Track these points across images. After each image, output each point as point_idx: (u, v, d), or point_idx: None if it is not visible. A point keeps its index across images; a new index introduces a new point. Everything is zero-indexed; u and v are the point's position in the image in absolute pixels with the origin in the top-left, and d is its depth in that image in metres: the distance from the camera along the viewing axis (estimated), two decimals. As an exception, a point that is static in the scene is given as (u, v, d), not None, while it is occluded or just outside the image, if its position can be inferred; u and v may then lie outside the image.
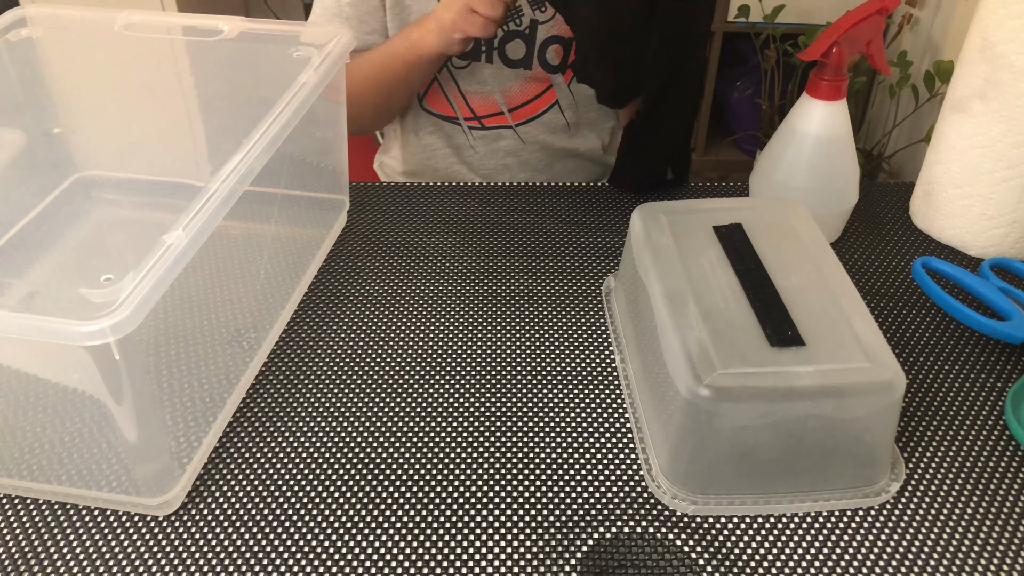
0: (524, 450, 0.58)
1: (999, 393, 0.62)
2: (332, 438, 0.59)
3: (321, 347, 0.66)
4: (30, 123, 0.74)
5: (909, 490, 0.55)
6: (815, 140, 0.71)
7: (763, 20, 1.98)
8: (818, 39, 0.69)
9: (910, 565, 0.51)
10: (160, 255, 0.46)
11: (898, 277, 0.74)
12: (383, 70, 0.90)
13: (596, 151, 1.04)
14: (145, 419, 0.50)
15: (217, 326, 0.62)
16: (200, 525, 0.53)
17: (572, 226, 0.80)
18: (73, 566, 0.51)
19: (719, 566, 0.51)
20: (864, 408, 0.51)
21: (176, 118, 0.75)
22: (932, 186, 0.78)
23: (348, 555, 0.52)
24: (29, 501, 0.54)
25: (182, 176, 0.72)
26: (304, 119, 0.60)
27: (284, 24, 0.69)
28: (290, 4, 2.17)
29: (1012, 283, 0.72)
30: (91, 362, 0.45)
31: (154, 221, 0.76)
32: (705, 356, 0.51)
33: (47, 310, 0.42)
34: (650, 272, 0.59)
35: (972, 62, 0.71)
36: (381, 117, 1.02)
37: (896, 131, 1.93)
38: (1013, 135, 0.70)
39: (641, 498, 0.55)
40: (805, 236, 0.62)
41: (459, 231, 0.79)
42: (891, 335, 0.68)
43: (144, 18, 0.70)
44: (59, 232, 0.72)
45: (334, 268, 0.74)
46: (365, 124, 1.01)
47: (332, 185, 0.78)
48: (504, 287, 0.73)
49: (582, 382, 0.63)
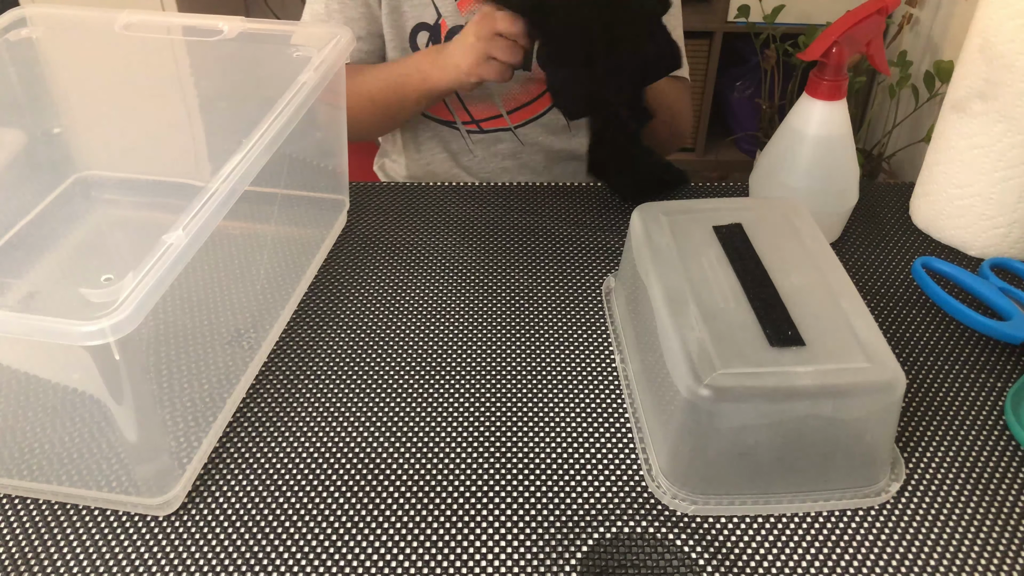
0: (524, 450, 0.58)
1: (999, 393, 0.62)
2: (332, 438, 0.59)
3: (321, 347, 0.66)
4: (30, 123, 0.74)
5: (909, 490, 0.55)
6: (815, 140, 0.71)
7: (763, 20, 1.98)
8: (818, 39, 0.69)
9: (910, 565, 0.51)
10: (160, 255, 0.46)
11: (898, 277, 0.74)
12: (389, 93, 0.90)
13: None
14: (145, 419, 0.50)
15: (217, 326, 0.62)
16: (200, 525, 0.53)
17: (572, 226, 0.80)
18: (73, 566, 0.51)
19: (719, 566, 0.51)
20: (864, 408, 0.51)
21: (176, 118, 0.75)
22: (932, 186, 0.78)
23: (348, 555, 0.52)
24: (29, 501, 0.54)
25: (182, 176, 0.72)
26: (304, 119, 0.60)
27: (284, 24, 0.69)
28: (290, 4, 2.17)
29: (1012, 283, 0.72)
30: (91, 362, 0.45)
31: (154, 221, 0.76)
32: (705, 356, 0.51)
33: (47, 310, 0.42)
34: (650, 272, 0.59)
35: (972, 62, 0.71)
36: (380, 131, 1.03)
37: (896, 131, 1.93)
38: (1013, 135, 0.70)
39: (641, 498, 0.55)
40: (805, 236, 0.62)
41: (459, 231, 0.79)
42: (891, 335, 0.68)
43: (144, 18, 0.70)
44: (59, 232, 0.72)
45: (334, 268, 0.74)
46: (364, 135, 1.02)
47: (332, 185, 0.78)
48: (504, 287, 0.73)
49: (582, 382, 0.63)
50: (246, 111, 0.59)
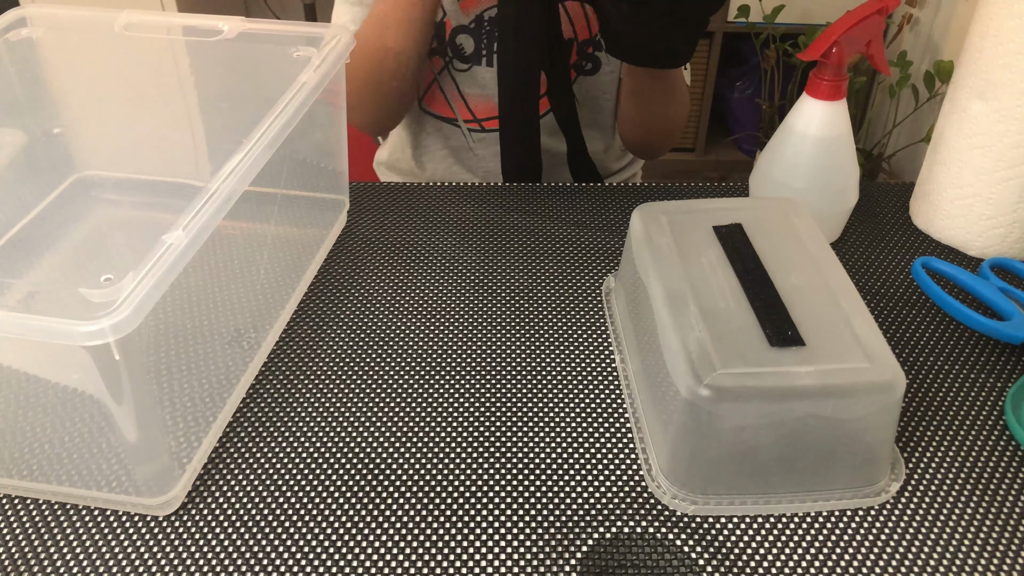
0: (524, 450, 0.58)
1: (999, 393, 0.62)
2: (332, 438, 0.59)
3: (321, 347, 0.66)
4: (30, 123, 0.74)
5: (909, 490, 0.55)
6: (815, 140, 0.71)
7: (763, 20, 1.98)
8: (818, 39, 0.69)
9: (910, 565, 0.51)
10: (160, 255, 0.46)
11: (898, 277, 0.74)
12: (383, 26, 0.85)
13: (598, 153, 1.03)
14: (145, 419, 0.50)
15: (217, 326, 0.62)
16: (200, 525, 0.53)
17: (572, 226, 0.80)
18: (73, 566, 0.51)
19: (719, 566, 0.51)
20: (864, 408, 0.51)
21: (176, 118, 0.75)
22: (932, 186, 0.78)
23: (348, 555, 0.52)
24: (29, 501, 0.54)
25: (182, 176, 0.72)
26: (304, 119, 0.60)
27: (284, 24, 0.69)
28: (290, 4, 2.17)
29: (1012, 283, 0.72)
30: (91, 362, 0.45)
31: (154, 221, 0.76)
32: (705, 356, 0.51)
33: (47, 310, 0.42)
34: (650, 272, 0.59)
35: (972, 62, 0.71)
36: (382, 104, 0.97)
37: (896, 131, 1.93)
38: (1013, 135, 0.70)
39: (641, 498, 0.55)
40: (805, 236, 0.62)
41: (459, 231, 0.79)
42: (891, 335, 0.68)
43: (144, 18, 0.70)
44: (59, 232, 0.72)
45: (334, 268, 0.74)
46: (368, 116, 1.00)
47: (332, 185, 0.78)
48: (504, 287, 0.73)
49: (582, 382, 0.63)
50: (246, 111, 0.58)
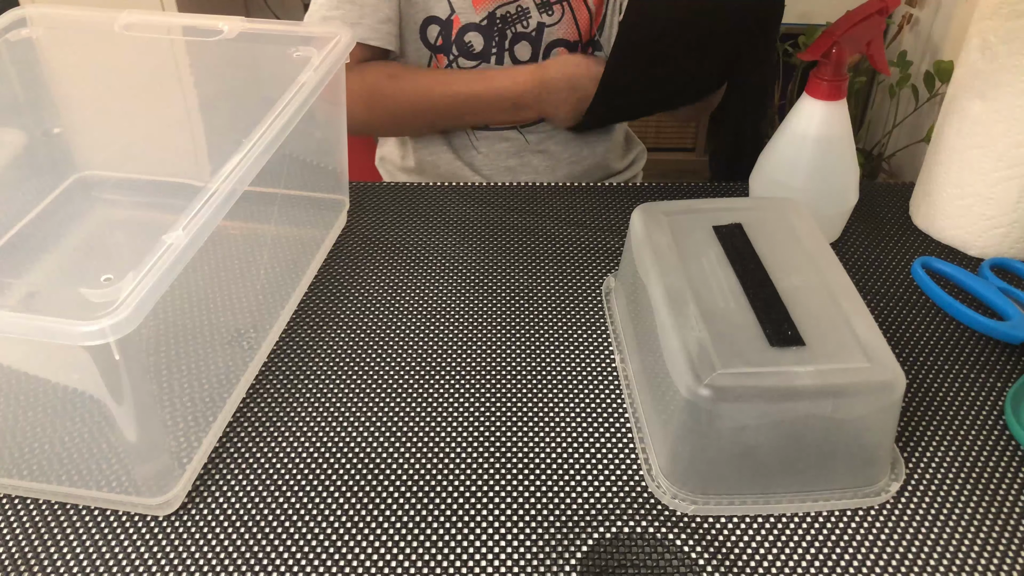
0: (524, 450, 0.58)
1: (999, 393, 0.62)
2: (332, 438, 0.59)
3: (321, 347, 0.66)
4: (30, 123, 0.74)
5: (909, 490, 0.55)
6: (815, 140, 0.71)
7: (763, 20, 1.97)
8: (818, 39, 0.69)
9: (910, 565, 0.51)
10: (160, 255, 0.46)
11: (898, 277, 0.74)
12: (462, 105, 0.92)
13: (599, 154, 1.03)
14: (145, 419, 0.50)
15: (217, 326, 0.62)
16: (200, 525, 0.53)
17: (572, 226, 0.80)
18: (73, 566, 0.51)
19: (719, 566, 0.51)
20: (864, 408, 0.51)
21: (176, 118, 0.75)
22: (932, 186, 0.78)
23: (348, 555, 0.52)
24: (29, 501, 0.54)
25: (182, 176, 0.72)
26: (304, 119, 0.60)
27: (284, 24, 0.69)
28: (290, 4, 2.17)
29: (1012, 283, 0.72)
30: (91, 362, 0.45)
31: (154, 221, 0.76)
32: (705, 356, 0.51)
33: (47, 310, 0.42)
34: (650, 272, 0.59)
35: (972, 62, 0.71)
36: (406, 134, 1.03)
37: (896, 131, 1.93)
38: (1013, 135, 0.70)
39: (641, 498, 0.55)
40: (805, 236, 0.62)
41: (459, 231, 0.79)
42: (891, 335, 0.68)
43: (144, 18, 0.70)
44: (59, 232, 0.72)
45: (334, 268, 0.74)
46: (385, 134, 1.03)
47: (332, 185, 0.78)
48: (504, 287, 0.73)
49: (582, 382, 0.63)
50: (246, 111, 0.58)
